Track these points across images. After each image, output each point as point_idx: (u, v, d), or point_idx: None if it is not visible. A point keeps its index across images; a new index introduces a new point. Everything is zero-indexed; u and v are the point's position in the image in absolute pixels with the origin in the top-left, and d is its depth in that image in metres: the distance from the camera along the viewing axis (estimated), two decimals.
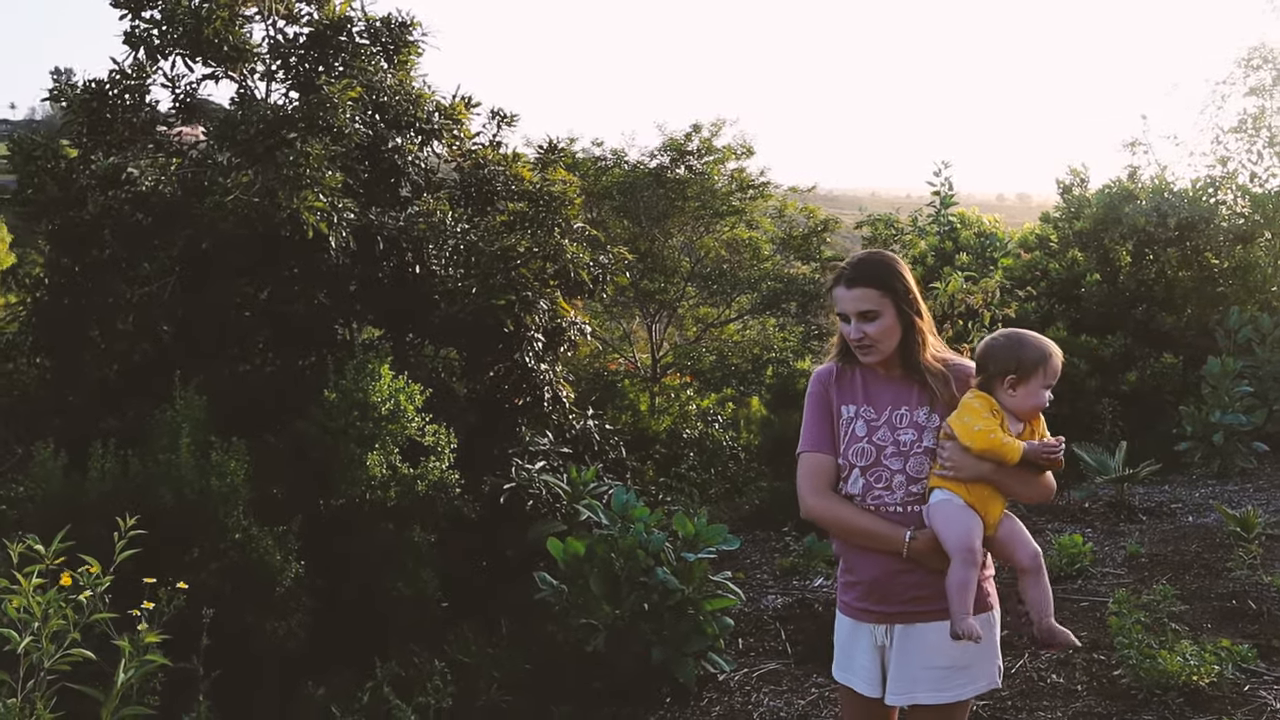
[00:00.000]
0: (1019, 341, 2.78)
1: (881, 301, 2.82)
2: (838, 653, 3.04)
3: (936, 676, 2.76)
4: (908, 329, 2.85)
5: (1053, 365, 2.77)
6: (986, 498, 2.72)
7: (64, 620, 2.63)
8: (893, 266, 2.89)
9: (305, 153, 5.97)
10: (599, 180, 12.00)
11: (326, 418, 5.72)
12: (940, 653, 2.74)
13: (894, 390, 2.89)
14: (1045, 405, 2.77)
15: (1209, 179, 11.97)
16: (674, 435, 11.80)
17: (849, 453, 2.88)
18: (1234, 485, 8.75)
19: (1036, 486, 2.83)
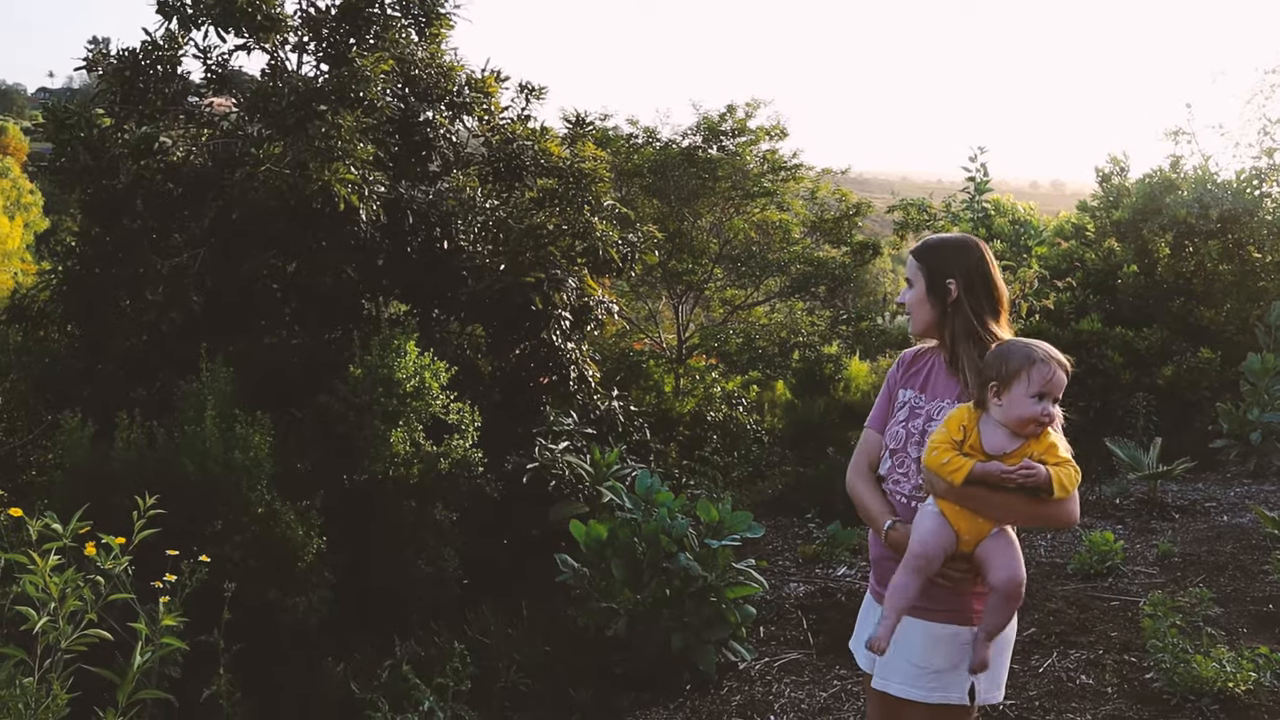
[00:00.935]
0: (1004, 349, 2.62)
1: (917, 272, 2.84)
2: (857, 624, 3.08)
3: (911, 672, 2.72)
4: (943, 308, 2.78)
5: (1038, 372, 2.54)
6: (959, 513, 2.60)
7: (81, 601, 2.60)
8: (947, 249, 2.85)
9: (337, 125, 5.93)
10: (630, 158, 11.91)
11: (351, 393, 5.70)
12: (917, 650, 2.71)
13: (947, 382, 2.85)
14: (1038, 418, 2.54)
15: (1255, 170, 11.69)
16: (698, 417, 11.75)
17: (887, 435, 2.90)
18: (1270, 485, 8.58)
19: (1019, 512, 2.61)
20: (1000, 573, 2.59)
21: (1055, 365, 2.57)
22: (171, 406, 5.49)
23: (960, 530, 2.60)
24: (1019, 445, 2.58)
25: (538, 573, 6.11)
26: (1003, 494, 2.57)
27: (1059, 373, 2.57)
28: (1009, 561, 2.60)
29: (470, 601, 5.79)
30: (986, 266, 2.80)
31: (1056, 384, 2.57)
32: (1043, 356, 2.58)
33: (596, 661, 5.16)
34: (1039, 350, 2.59)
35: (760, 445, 12.17)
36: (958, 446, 2.60)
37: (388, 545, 5.64)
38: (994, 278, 2.80)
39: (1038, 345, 2.62)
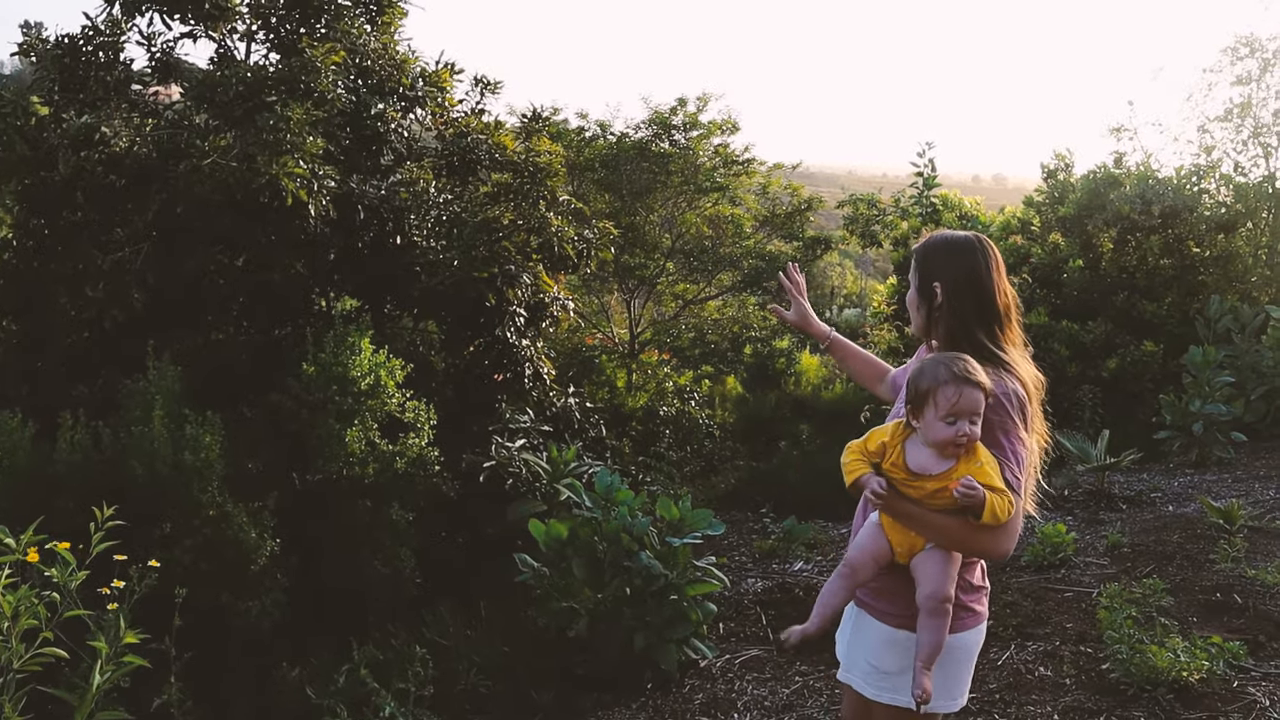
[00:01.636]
0: (920, 368, 2.54)
1: (914, 272, 2.78)
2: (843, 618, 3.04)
3: (867, 670, 2.72)
4: (930, 311, 2.72)
5: (943, 395, 2.44)
6: (893, 525, 2.56)
7: (36, 620, 2.48)
8: (944, 244, 2.75)
9: (286, 117, 5.78)
10: (582, 152, 11.82)
11: (304, 391, 5.58)
12: (872, 650, 2.70)
13: None
14: (954, 440, 2.44)
15: (1194, 167, 11.97)
16: (650, 413, 11.72)
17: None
18: (1212, 475, 8.77)
19: (949, 536, 2.50)
20: (923, 587, 2.53)
21: (965, 385, 2.44)
22: (115, 406, 5.33)
23: (893, 542, 2.56)
24: (947, 466, 2.48)
25: (495, 573, 6.03)
26: (932, 514, 2.50)
27: (969, 392, 2.44)
28: (934, 576, 2.53)
29: (427, 602, 5.70)
30: (981, 271, 2.68)
31: (967, 405, 2.44)
32: (947, 377, 2.45)
33: (558, 662, 5.11)
34: (947, 369, 2.47)
35: (712, 440, 12.18)
36: (870, 457, 2.56)
37: (342, 546, 5.53)
38: (988, 284, 2.68)
39: (953, 363, 2.49)
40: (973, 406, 2.45)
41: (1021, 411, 2.57)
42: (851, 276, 33.15)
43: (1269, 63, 11.59)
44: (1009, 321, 2.71)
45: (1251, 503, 7.49)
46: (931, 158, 12.76)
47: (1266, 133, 11.65)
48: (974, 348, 2.62)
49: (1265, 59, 11.60)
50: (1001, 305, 2.70)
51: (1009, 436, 2.52)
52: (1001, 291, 2.70)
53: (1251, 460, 9.14)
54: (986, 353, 2.62)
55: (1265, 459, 9.15)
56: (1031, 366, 2.70)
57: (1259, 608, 5.38)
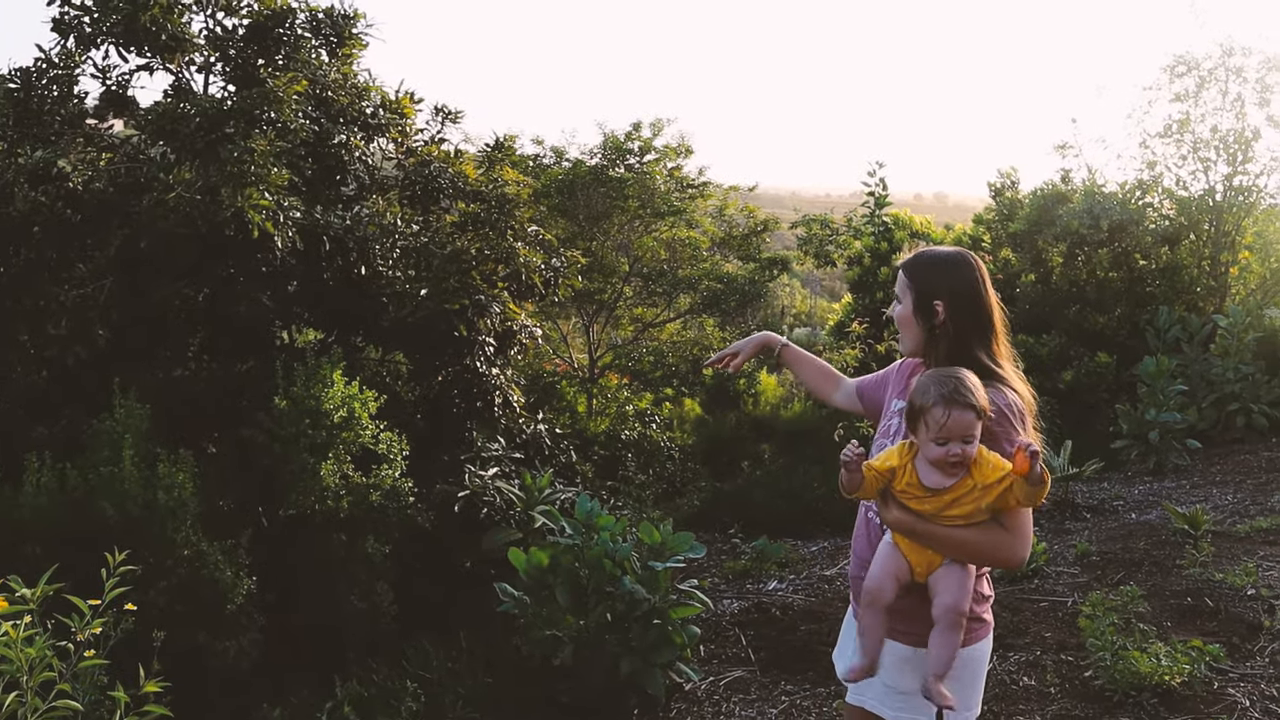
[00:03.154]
0: (917, 385, 2.53)
1: (905, 289, 2.76)
2: (840, 638, 3.06)
3: (882, 691, 2.71)
4: (930, 330, 2.70)
5: (932, 417, 2.44)
6: (906, 545, 2.58)
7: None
8: (935, 266, 2.73)
9: (250, 148, 5.72)
10: (538, 179, 11.82)
11: (276, 425, 5.49)
12: (888, 671, 2.67)
13: None
14: (942, 460, 2.45)
15: (1138, 182, 12.26)
16: (612, 437, 11.71)
17: (875, 446, 2.84)
18: (1170, 482, 8.95)
19: (966, 550, 2.53)
20: (942, 598, 2.53)
21: (954, 407, 2.42)
22: (80, 446, 5.20)
23: (912, 561, 2.57)
24: (959, 478, 2.49)
25: (472, 603, 5.97)
26: (951, 529, 2.51)
27: (958, 414, 2.43)
28: (952, 589, 2.53)
29: (407, 635, 5.62)
30: (978, 286, 2.68)
31: (956, 426, 2.43)
32: (936, 398, 2.45)
33: (543, 691, 5.06)
34: (937, 390, 2.47)
35: (674, 462, 12.19)
36: (880, 479, 2.56)
37: (318, 581, 5.44)
38: (984, 298, 2.68)
39: (944, 382, 2.48)
40: (963, 428, 2.44)
41: (1022, 422, 2.59)
42: (800, 296, 33.45)
43: (1205, 80, 11.92)
44: (1000, 335, 2.72)
45: (1212, 508, 7.66)
46: (882, 177, 12.97)
47: (1205, 147, 11.96)
48: (974, 364, 2.62)
49: (1201, 76, 11.93)
50: (994, 319, 2.71)
51: (1013, 444, 2.51)
52: (995, 304, 2.72)
53: (1207, 466, 9.34)
54: (985, 369, 2.63)
55: (1219, 464, 9.36)
56: (1025, 384, 2.71)
57: (1230, 610, 5.48)
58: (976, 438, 2.47)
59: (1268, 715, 4.35)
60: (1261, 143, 11.78)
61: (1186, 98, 12.05)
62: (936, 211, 55.49)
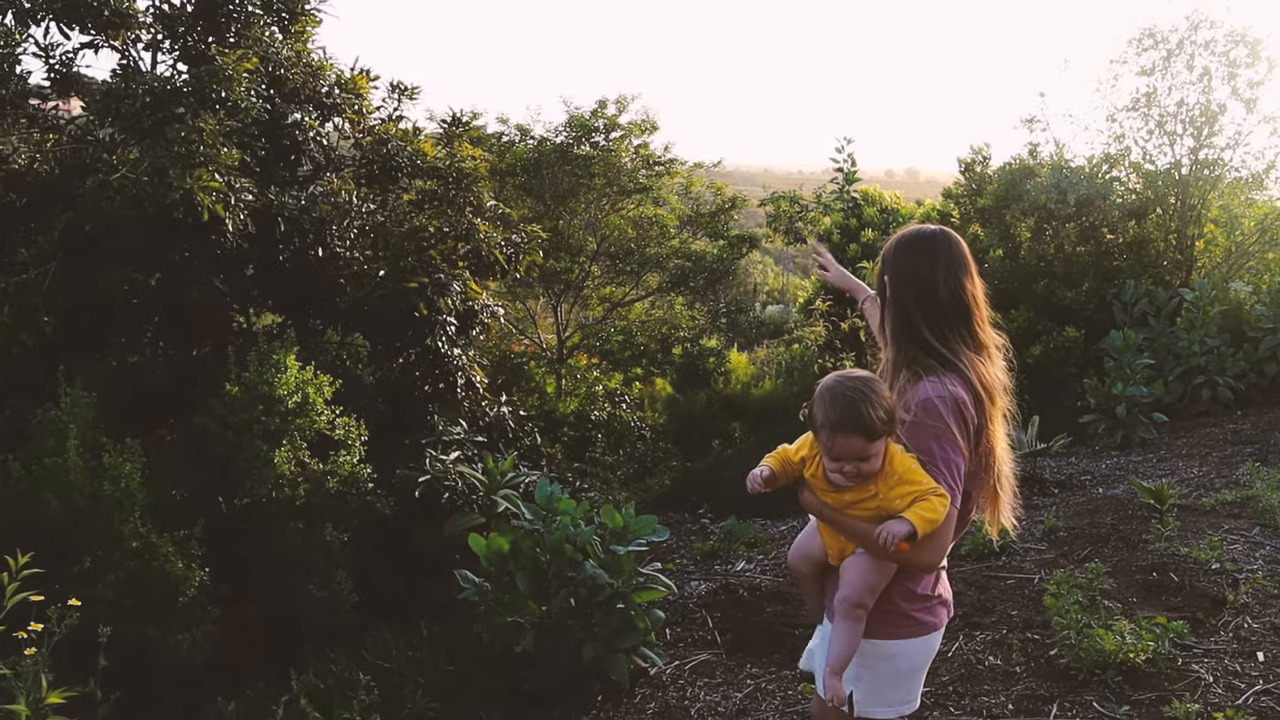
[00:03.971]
0: (820, 394, 2.44)
1: (880, 277, 2.69)
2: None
3: (821, 671, 2.67)
4: (883, 306, 2.68)
5: (821, 438, 2.40)
6: (820, 527, 2.62)
7: None
8: (905, 247, 2.64)
9: (198, 128, 5.57)
10: (503, 157, 11.67)
11: (228, 412, 5.36)
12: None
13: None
14: (836, 471, 2.41)
15: (1105, 156, 12.23)
16: (581, 417, 11.64)
17: None
18: (1137, 456, 8.96)
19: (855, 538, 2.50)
20: (840, 590, 2.53)
21: (839, 433, 2.34)
22: (25, 436, 5.06)
23: (825, 545, 2.61)
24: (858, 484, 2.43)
25: (434, 590, 5.89)
26: (856, 521, 2.47)
27: (842, 441, 2.35)
28: (851, 580, 2.51)
29: (366, 625, 5.52)
30: (927, 267, 2.56)
31: (842, 451, 2.37)
32: (823, 422, 2.37)
33: (505, 679, 4.98)
34: (825, 411, 2.38)
35: (644, 442, 12.12)
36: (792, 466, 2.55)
37: (275, 571, 5.33)
38: (933, 281, 2.55)
39: (837, 401, 2.37)
40: (851, 452, 2.37)
41: (959, 415, 2.45)
42: (773, 273, 33.42)
43: (1172, 53, 11.87)
44: (965, 320, 2.59)
45: (1178, 481, 7.66)
46: (851, 153, 12.90)
47: (1171, 121, 11.93)
48: (920, 346, 2.54)
49: (1168, 49, 11.88)
50: (951, 304, 2.57)
51: (940, 442, 2.42)
52: (954, 290, 2.57)
53: (1173, 439, 9.36)
54: (932, 352, 2.52)
55: (1185, 438, 9.38)
56: (992, 368, 2.59)
57: (1194, 585, 5.47)
58: (875, 454, 2.38)
59: (1231, 691, 4.33)
60: (1227, 116, 11.76)
61: (1153, 71, 12.01)
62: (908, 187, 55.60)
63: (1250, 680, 4.43)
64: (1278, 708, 4.18)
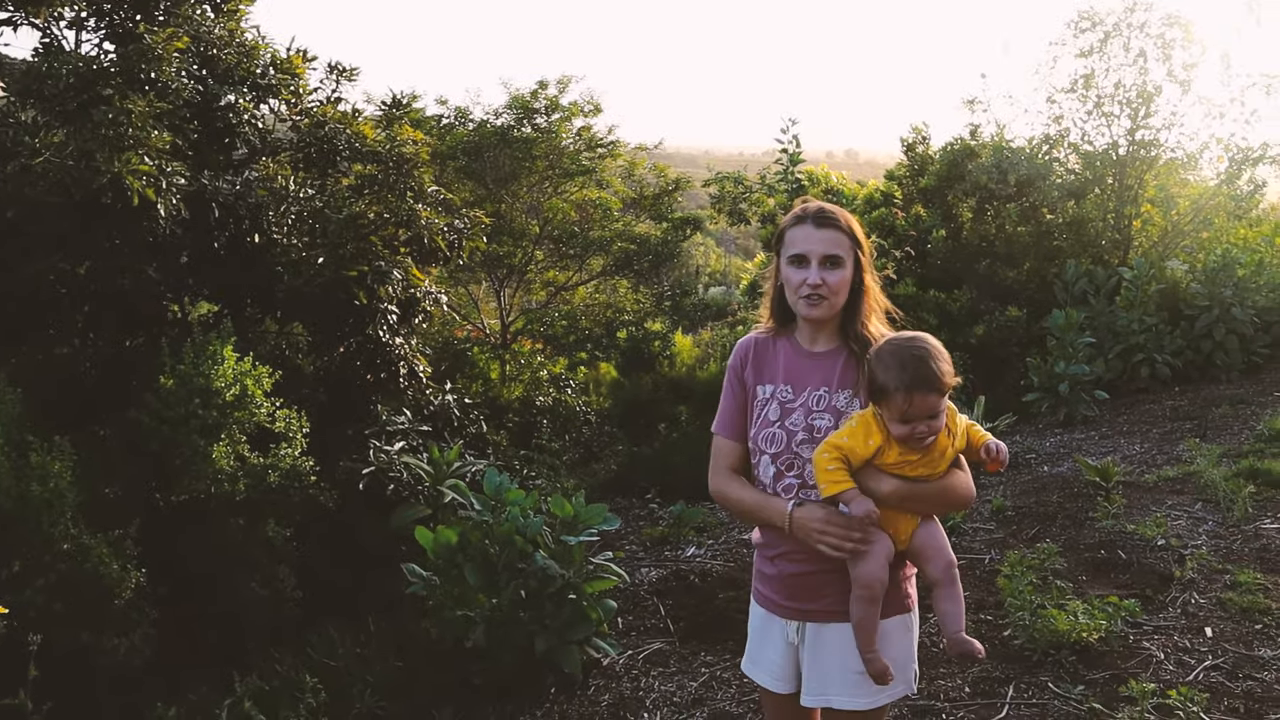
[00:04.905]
0: (878, 361, 2.43)
1: (849, 250, 2.59)
2: (749, 644, 2.86)
3: (851, 681, 2.58)
4: (856, 290, 2.63)
5: (899, 403, 2.37)
6: (890, 516, 2.50)
7: None
8: (855, 220, 2.68)
9: (127, 110, 5.34)
10: (443, 140, 11.46)
11: (163, 406, 5.17)
12: (855, 656, 2.55)
13: (817, 367, 2.64)
14: (908, 437, 2.40)
15: (1044, 137, 12.36)
16: (526, 403, 11.50)
17: (759, 438, 2.66)
18: (1080, 433, 9.08)
19: (950, 502, 2.59)
20: (938, 561, 2.53)
21: (915, 392, 2.35)
22: None
23: (898, 530, 2.51)
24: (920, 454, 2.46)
25: (382, 584, 5.76)
26: (935, 484, 2.51)
27: (919, 400, 2.35)
28: (940, 549, 2.54)
29: (312, 622, 5.38)
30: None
31: (919, 409, 2.37)
32: (898, 385, 2.36)
33: (457, 674, 4.88)
34: (899, 375, 2.37)
35: (590, 426, 12.04)
36: (859, 462, 2.45)
37: (215, 569, 5.17)
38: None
39: (908, 363, 2.37)
40: (925, 410, 2.38)
41: None
42: (715, 255, 33.47)
43: (1109, 35, 12.01)
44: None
45: (1121, 458, 7.77)
46: (795, 134, 12.87)
47: (1109, 102, 12.08)
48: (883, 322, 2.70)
49: (1105, 32, 12.01)
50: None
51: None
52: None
53: (1114, 417, 9.50)
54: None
55: (1126, 414, 9.53)
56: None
57: (1142, 562, 5.54)
58: (944, 410, 2.44)
59: (1181, 667, 4.38)
60: (1162, 97, 11.95)
61: (1090, 53, 12.14)
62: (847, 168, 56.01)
63: (1200, 656, 4.48)
64: (1228, 683, 4.24)
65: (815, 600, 2.62)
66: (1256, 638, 4.64)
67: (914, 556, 2.58)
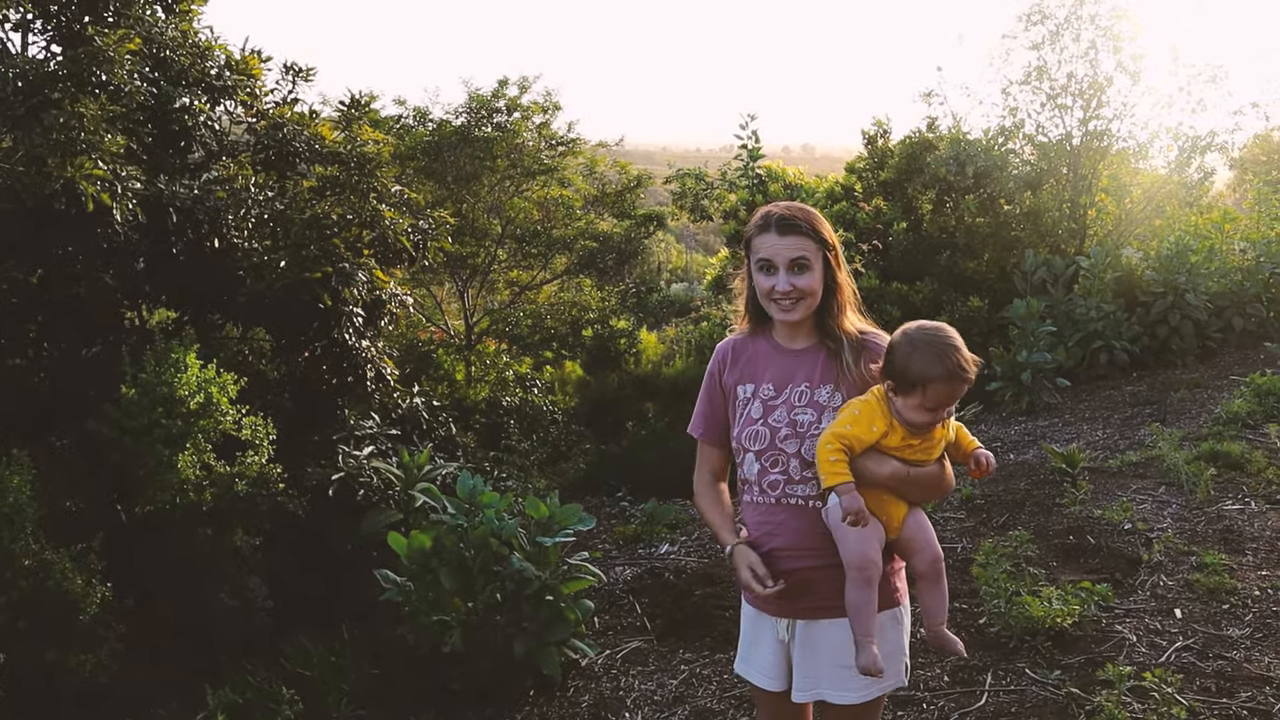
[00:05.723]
0: (912, 349, 2.44)
1: (815, 253, 2.59)
2: (740, 644, 2.86)
3: (843, 675, 2.58)
4: (830, 288, 2.63)
5: (933, 392, 2.39)
6: (884, 501, 2.50)
7: None
8: (821, 219, 2.66)
9: (78, 114, 5.21)
10: (403, 140, 11.35)
11: (125, 416, 5.06)
12: (845, 651, 2.55)
13: (796, 363, 2.66)
14: (929, 424, 2.45)
15: (1000, 129, 12.49)
16: (493, 404, 11.44)
17: (742, 436, 2.67)
18: (1043, 420, 9.18)
19: (929, 492, 2.61)
20: (924, 554, 2.52)
21: (954, 383, 2.40)
22: None
23: (891, 517, 2.50)
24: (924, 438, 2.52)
25: (354, 591, 5.68)
26: (929, 469, 2.53)
27: (956, 389, 2.42)
28: (927, 542, 2.54)
29: (284, 632, 5.29)
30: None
31: (949, 397, 2.43)
32: (937, 374, 2.38)
33: (434, 680, 4.82)
34: (943, 361, 2.39)
35: (558, 426, 12.00)
36: (862, 446, 2.46)
37: (183, 580, 5.07)
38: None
39: (946, 352, 2.41)
40: (953, 398, 2.44)
41: None
42: (676, 251, 33.51)
43: (1060, 27, 12.15)
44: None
45: (1085, 444, 7.86)
46: (755, 130, 12.90)
47: (1062, 94, 12.23)
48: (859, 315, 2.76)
49: (1057, 24, 12.15)
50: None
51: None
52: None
53: (1075, 403, 9.62)
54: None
55: (1087, 401, 9.65)
56: None
57: (1111, 546, 5.60)
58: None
59: (1154, 649, 4.43)
60: (1114, 88, 12.12)
61: (1042, 45, 12.27)
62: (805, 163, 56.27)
63: (1171, 637, 4.54)
64: (1199, 663, 4.30)
65: (804, 597, 2.61)
66: (1224, 617, 4.70)
67: (902, 548, 2.57)
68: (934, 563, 2.52)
